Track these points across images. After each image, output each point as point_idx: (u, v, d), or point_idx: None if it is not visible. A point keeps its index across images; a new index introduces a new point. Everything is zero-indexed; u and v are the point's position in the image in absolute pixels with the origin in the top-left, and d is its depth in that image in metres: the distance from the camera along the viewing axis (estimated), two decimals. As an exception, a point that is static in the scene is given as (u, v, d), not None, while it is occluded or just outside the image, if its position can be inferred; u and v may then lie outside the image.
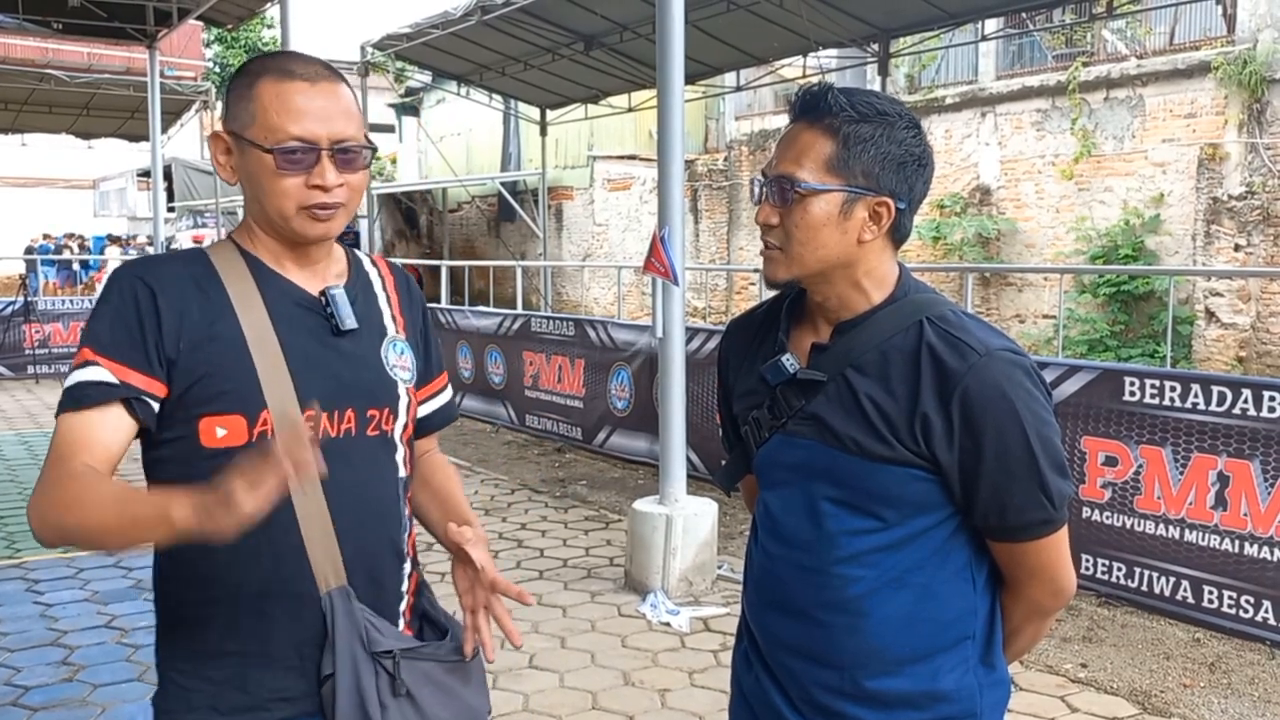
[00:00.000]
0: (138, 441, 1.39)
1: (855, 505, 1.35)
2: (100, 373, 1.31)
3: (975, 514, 1.34)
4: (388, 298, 1.53)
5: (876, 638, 1.35)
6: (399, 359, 1.49)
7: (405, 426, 1.49)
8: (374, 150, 1.43)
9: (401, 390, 1.48)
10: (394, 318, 1.52)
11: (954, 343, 1.31)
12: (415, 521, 1.57)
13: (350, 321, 1.43)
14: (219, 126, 1.42)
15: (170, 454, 1.36)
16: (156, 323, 1.33)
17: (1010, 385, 1.29)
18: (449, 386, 1.66)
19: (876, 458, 1.32)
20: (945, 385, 1.29)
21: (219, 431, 1.34)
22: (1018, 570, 1.38)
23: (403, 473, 1.49)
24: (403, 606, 1.49)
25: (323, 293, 1.43)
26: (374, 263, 1.57)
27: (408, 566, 1.50)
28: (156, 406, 1.34)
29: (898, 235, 1.37)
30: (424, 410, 1.57)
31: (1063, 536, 1.37)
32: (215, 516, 1.14)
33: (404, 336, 1.52)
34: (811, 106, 1.34)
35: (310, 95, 1.36)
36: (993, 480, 1.30)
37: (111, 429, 1.32)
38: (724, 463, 1.57)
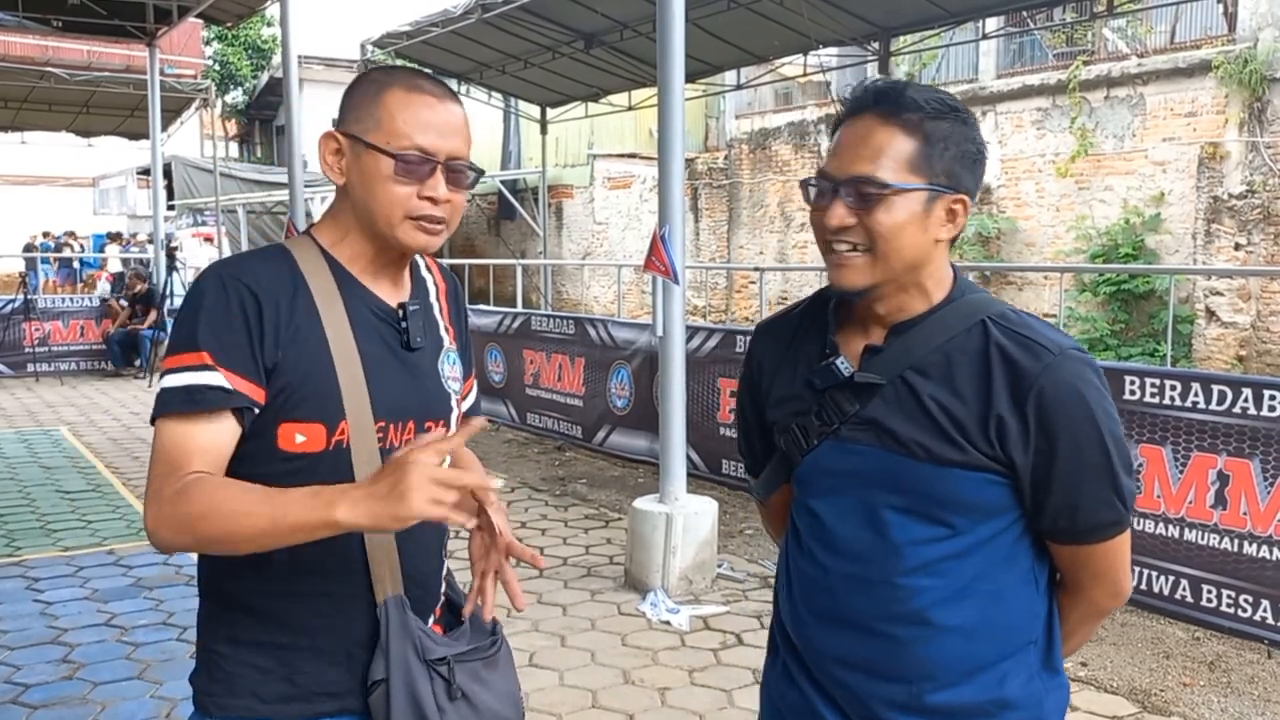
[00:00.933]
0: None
1: (921, 513, 1.30)
2: (216, 378, 1.31)
3: (1045, 517, 1.31)
4: (441, 307, 1.57)
5: (944, 649, 1.31)
6: (451, 370, 1.54)
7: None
8: (480, 173, 1.47)
9: (454, 402, 1.53)
10: (447, 328, 1.56)
11: (1024, 342, 1.28)
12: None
13: (420, 338, 1.47)
14: (334, 129, 1.43)
15: (249, 453, 1.36)
16: (261, 330, 1.34)
17: (1084, 385, 1.27)
18: (474, 390, 1.70)
19: (947, 462, 1.28)
20: (1019, 385, 1.26)
21: (298, 438, 1.36)
22: (1081, 573, 1.36)
23: None
24: (438, 605, 1.53)
25: (401, 305, 1.46)
26: (429, 267, 1.60)
27: (444, 568, 1.54)
28: (256, 412, 1.35)
29: (957, 235, 1.35)
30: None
31: (1128, 537, 1.36)
32: (386, 517, 1.18)
33: (455, 347, 1.57)
34: (888, 101, 1.29)
35: (436, 110, 1.40)
36: (1066, 482, 1.28)
37: (222, 435, 1.33)
38: (757, 474, 1.52)
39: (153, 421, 1.35)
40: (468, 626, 1.52)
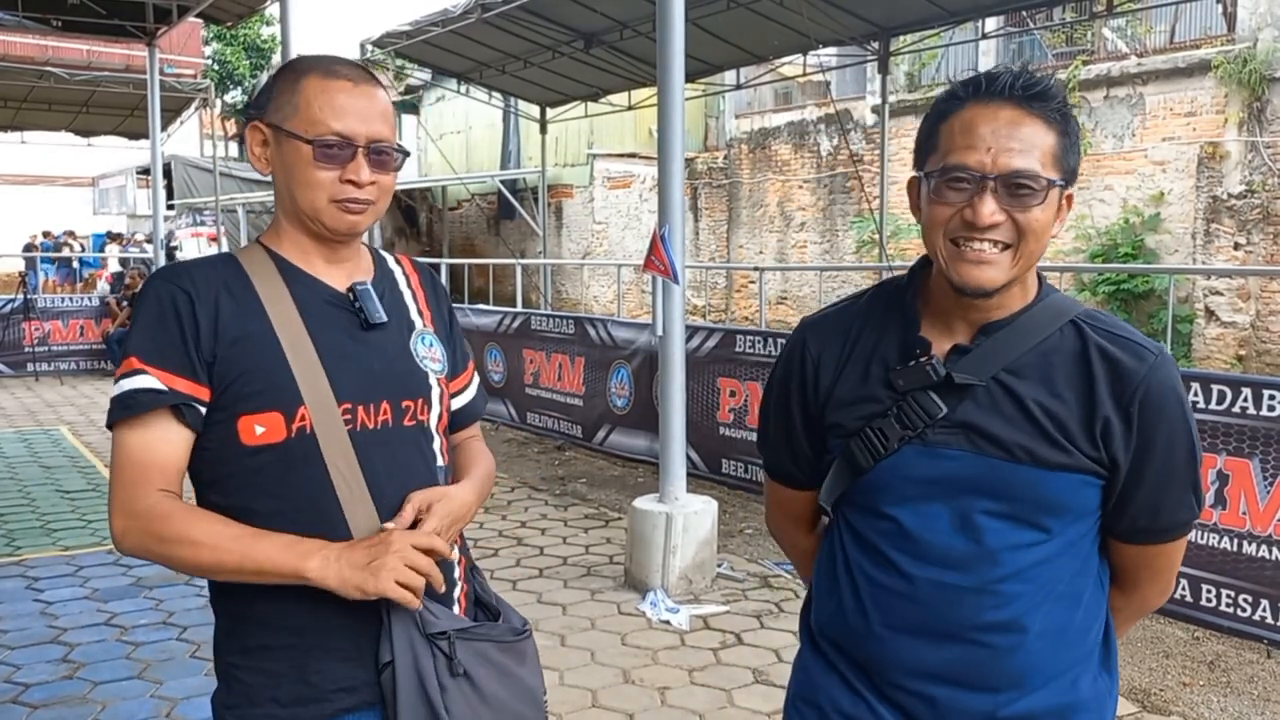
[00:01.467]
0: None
1: (1019, 517, 1.27)
2: (147, 380, 1.35)
3: (1125, 517, 1.31)
4: (413, 293, 1.57)
5: (1035, 655, 1.29)
6: (428, 350, 1.52)
7: (440, 416, 1.52)
8: (406, 154, 1.48)
9: (433, 380, 1.51)
10: (421, 312, 1.56)
11: (1124, 343, 1.28)
12: None
13: (379, 315, 1.46)
14: (258, 119, 1.45)
15: (211, 454, 1.39)
16: (195, 328, 1.36)
17: (1179, 386, 1.30)
18: (476, 379, 1.69)
19: (1052, 465, 1.25)
20: (1124, 387, 1.26)
21: (257, 429, 1.36)
22: (1143, 571, 1.38)
23: (441, 461, 1.52)
24: (457, 593, 1.51)
25: (350, 288, 1.47)
26: (398, 260, 1.61)
27: (455, 553, 1.52)
28: (203, 411, 1.37)
29: None
30: (454, 404, 1.60)
31: (1186, 537, 1.39)
32: (352, 586, 1.30)
33: (432, 329, 1.55)
34: (1034, 93, 1.23)
35: (352, 95, 1.41)
36: (1156, 480, 1.29)
37: (170, 441, 1.36)
38: (787, 477, 1.48)
39: (108, 429, 1.39)
40: (500, 622, 1.52)
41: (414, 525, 1.40)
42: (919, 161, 1.31)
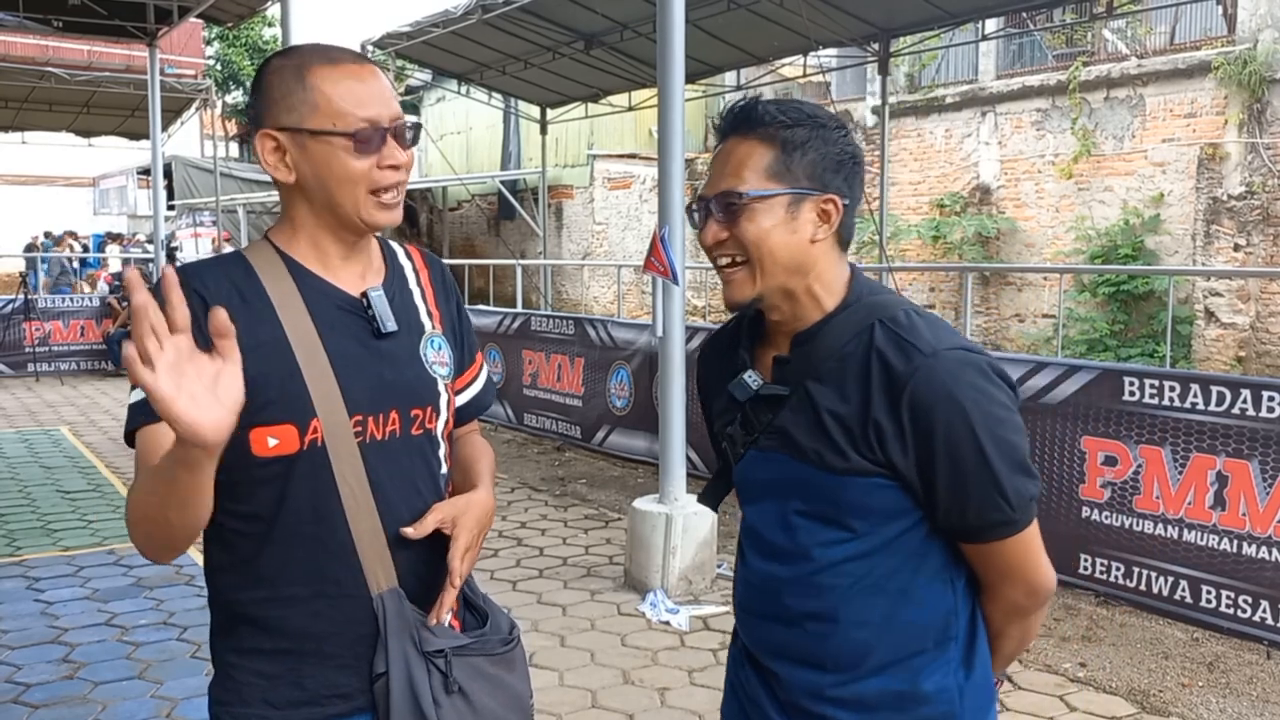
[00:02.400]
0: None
1: (824, 517, 1.34)
2: None
3: (939, 517, 1.32)
4: (423, 291, 1.53)
5: (855, 642, 1.35)
6: (437, 355, 1.50)
7: (446, 423, 1.51)
8: (419, 126, 1.45)
9: (441, 387, 1.49)
10: (430, 312, 1.52)
11: (901, 344, 1.29)
12: None
13: (390, 324, 1.43)
14: (265, 127, 1.38)
15: (225, 460, 1.32)
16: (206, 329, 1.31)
17: (958, 385, 1.26)
18: (484, 370, 1.66)
19: (838, 470, 1.31)
20: (893, 389, 1.28)
21: (270, 441, 1.33)
22: (989, 571, 1.37)
23: (444, 469, 1.51)
24: (453, 601, 1.49)
25: (363, 294, 1.43)
26: (409, 254, 1.56)
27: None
28: None
29: (846, 235, 1.37)
30: (460, 399, 1.58)
31: (1030, 536, 1.34)
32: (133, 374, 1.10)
33: (440, 331, 1.52)
34: (744, 120, 1.35)
35: (363, 79, 1.37)
36: (948, 483, 1.28)
37: None
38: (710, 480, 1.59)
39: (128, 439, 1.34)
40: (489, 627, 1.51)
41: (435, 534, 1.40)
42: None
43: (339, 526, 1.37)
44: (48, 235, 20.68)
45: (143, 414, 1.31)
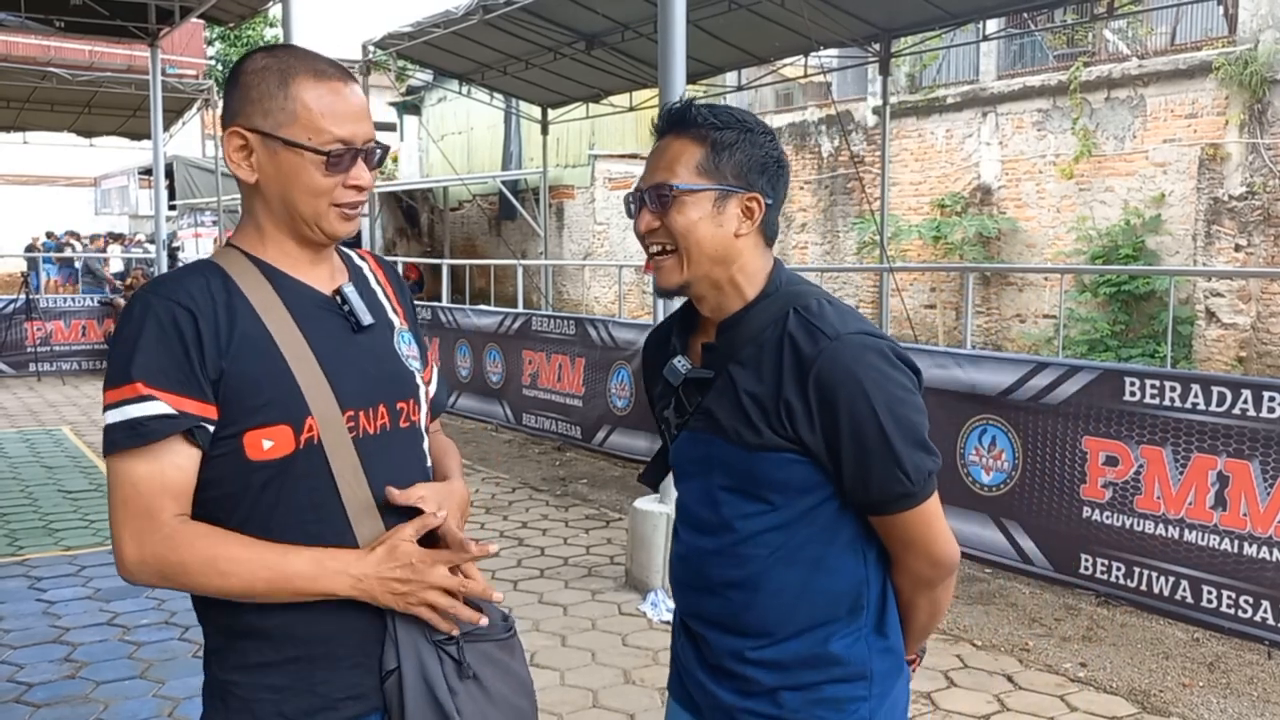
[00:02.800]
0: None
1: (745, 491, 1.44)
2: (158, 406, 1.28)
3: (845, 490, 1.42)
4: (383, 290, 1.55)
5: (773, 610, 1.45)
6: (409, 349, 1.51)
7: (426, 414, 1.53)
8: (387, 149, 1.47)
9: (419, 380, 1.51)
10: (395, 309, 1.54)
11: (809, 329, 1.39)
12: None
13: (367, 317, 1.45)
14: (236, 124, 1.38)
15: (218, 473, 1.34)
16: (200, 345, 1.31)
17: (860, 366, 1.36)
18: (435, 370, 1.67)
19: (753, 446, 1.41)
20: (801, 370, 1.38)
21: (265, 444, 1.33)
22: (894, 543, 1.47)
23: (429, 461, 1.52)
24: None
25: (337, 291, 1.44)
26: (361, 257, 1.58)
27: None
28: (211, 429, 1.32)
29: (769, 233, 1.48)
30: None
31: (930, 508, 1.43)
32: (386, 602, 1.34)
33: (406, 326, 1.54)
34: (679, 120, 1.45)
35: (344, 96, 1.38)
36: (852, 457, 1.38)
37: (181, 466, 1.31)
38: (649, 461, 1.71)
39: (106, 455, 1.32)
40: (487, 620, 1.50)
41: (428, 530, 1.41)
42: None
43: (340, 523, 1.36)
44: (49, 236, 20.70)
45: (145, 431, 1.28)
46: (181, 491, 1.31)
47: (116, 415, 1.29)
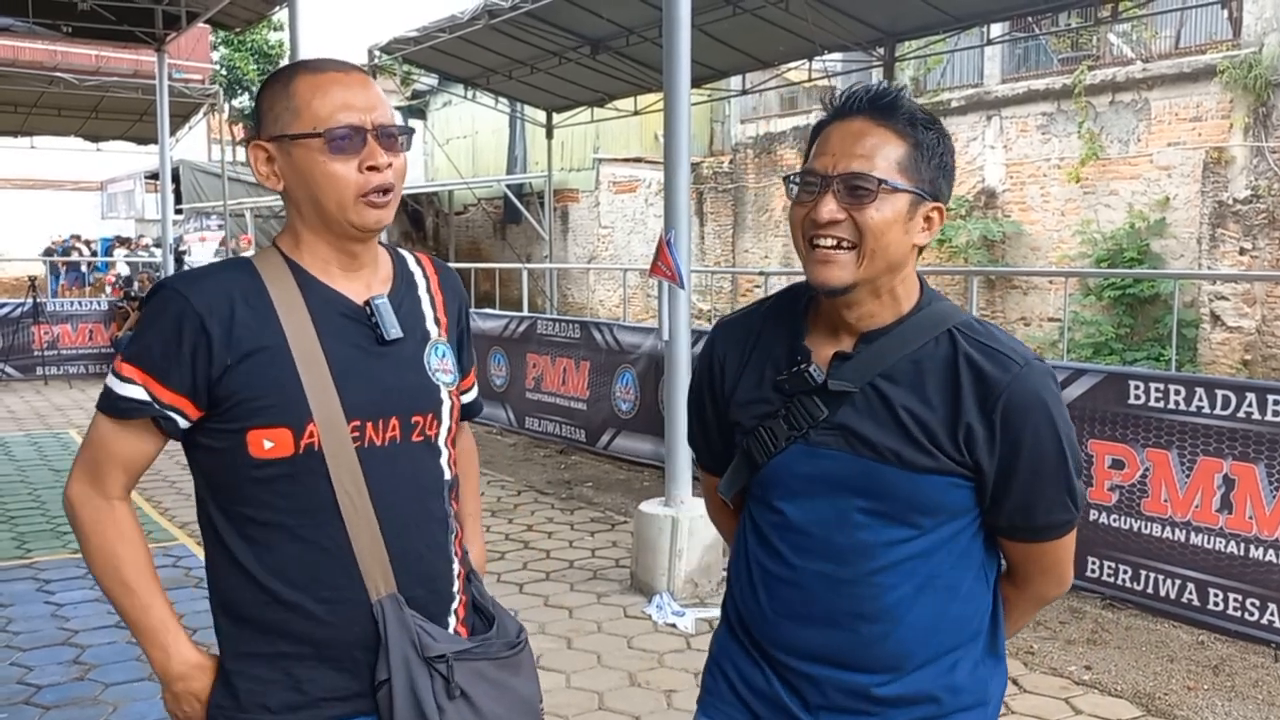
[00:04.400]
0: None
1: (891, 515, 1.35)
2: (139, 391, 1.37)
3: (1003, 516, 1.38)
4: (431, 299, 1.54)
5: (908, 643, 1.37)
6: (441, 363, 1.50)
7: (449, 430, 1.51)
8: (411, 133, 1.47)
9: (444, 394, 1.50)
10: (437, 320, 1.53)
11: (991, 353, 1.34)
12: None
13: (395, 331, 1.44)
14: (257, 138, 1.43)
15: (221, 463, 1.40)
16: (207, 347, 1.35)
17: (1046, 393, 1.35)
18: (474, 386, 1.69)
19: (918, 468, 1.33)
20: (988, 395, 1.32)
21: (266, 444, 1.36)
22: (1031, 567, 1.44)
23: (448, 476, 1.51)
24: (455, 605, 1.50)
25: (367, 303, 1.44)
26: (418, 261, 1.58)
27: (456, 566, 1.52)
28: (185, 424, 1.39)
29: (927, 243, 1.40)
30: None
31: (1074, 534, 1.43)
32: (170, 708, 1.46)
33: (445, 338, 1.53)
34: (883, 108, 1.33)
35: (346, 85, 1.40)
36: (1026, 483, 1.35)
37: (142, 449, 1.42)
38: (712, 468, 1.57)
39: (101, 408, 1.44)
40: (495, 631, 1.52)
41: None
42: None
43: (336, 532, 1.38)
44: (55, 241, 20.75)
45: (121, 409, 1.38)
46: (135, 466, 1.42)
47: (109, 382, 1.41)
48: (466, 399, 1.62)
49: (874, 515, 1.35)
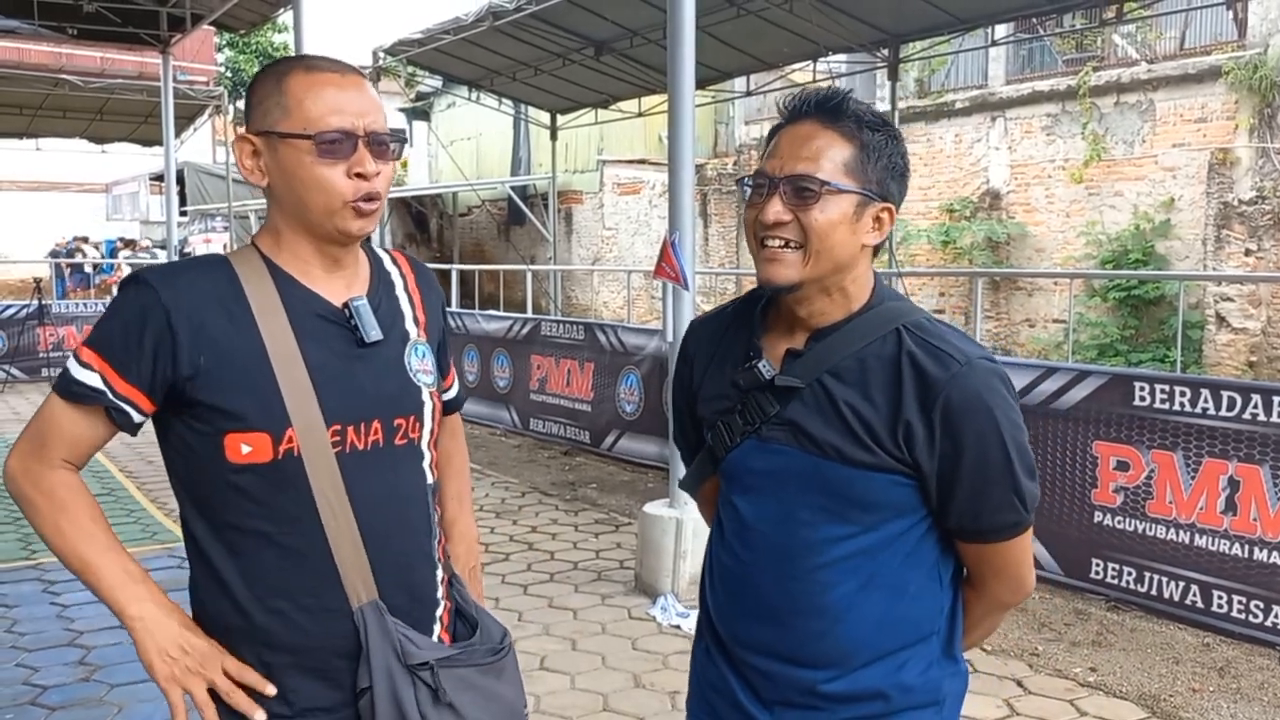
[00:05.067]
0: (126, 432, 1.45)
1: (834, 511, 1.36)
2: (94, 378, 1.35)
3: (950, 517, 1.37)
4: (410, 298, 1.52)
5: (851, 640, 1.37)
6: (421, 363, 1.48)
7: (431, 432, 1.48)
8: (404, 141, 1.43)
9: (426, 395, 1.47)
10: (416, 319, 1.51)
11: (934, 352, 1.33)
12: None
13: (375, 333, 1.41)
14: (240, 130, 1.41)
15: (199, 469, 1.37)
16: (170, 345, 1.33)
17: (990, 394, 1.32)
18: (455, 383, 1.68)
19: (858, 464, 1.33)
20: (927, 393, 1.32)
21: (244, 449, 1.33)
22: (985, 569, 1.43)
23: (430, 479, 1.49)
24: (440, 611, 1.49)
25: (346, 305, 1.41)
26: (395, 260, 1.55)
27: (440, 572, 1.50)
28: (138, 418, 1.38)
29: (880, 243, 1.41)
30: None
31: (1029, 536, 1.41)
32: (149, 661, 1.36)
33: (425, 339, 1.51)
34: (830, 110, 1.35)
35: (342, 88, 1.37)
36: (970, 484, 1.33)
37: (90, 436, 1.40)
38: (689, 466, 1.58)
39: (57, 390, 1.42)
40: (479, 636, 1.50)
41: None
42: None
43: (316, 538, 1.35)
44: (59, 244, 20.81)
45: (75, 393, 1.36)
46: (80, 448, 1.40)
47: (68, 364, 1.39)
48: (447, 396, 1.61)
49: (818, 511, 1.37)
